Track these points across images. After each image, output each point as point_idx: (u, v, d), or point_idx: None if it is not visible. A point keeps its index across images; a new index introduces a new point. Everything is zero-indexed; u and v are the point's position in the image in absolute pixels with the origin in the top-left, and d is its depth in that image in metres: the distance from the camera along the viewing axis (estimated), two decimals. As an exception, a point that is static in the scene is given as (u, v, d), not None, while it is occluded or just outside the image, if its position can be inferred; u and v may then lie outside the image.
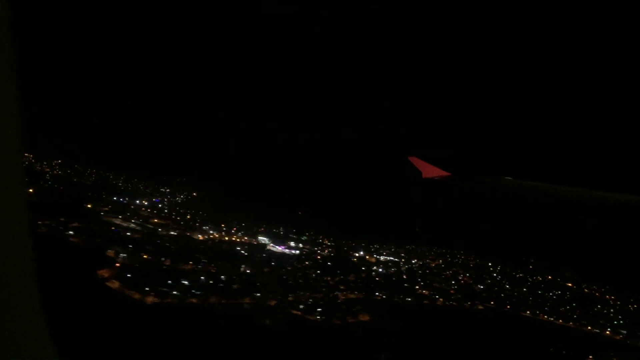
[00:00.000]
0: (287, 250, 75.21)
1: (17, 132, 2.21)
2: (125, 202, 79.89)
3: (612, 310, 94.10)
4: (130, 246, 47.89)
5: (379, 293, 73.40)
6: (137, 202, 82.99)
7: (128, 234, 55.00)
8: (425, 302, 77.76)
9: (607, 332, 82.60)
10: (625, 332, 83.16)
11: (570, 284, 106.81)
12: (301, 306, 53.44)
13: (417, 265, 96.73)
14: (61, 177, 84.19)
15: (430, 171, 10.70)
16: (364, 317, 59.12)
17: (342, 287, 69.86)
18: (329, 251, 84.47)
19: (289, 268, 67.16)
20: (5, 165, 2.20)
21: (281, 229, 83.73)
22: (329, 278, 72.00)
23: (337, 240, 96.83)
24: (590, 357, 63.71)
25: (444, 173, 10.63)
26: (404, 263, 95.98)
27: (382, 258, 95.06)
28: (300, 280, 65.05)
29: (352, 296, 69.45)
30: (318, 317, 52.37)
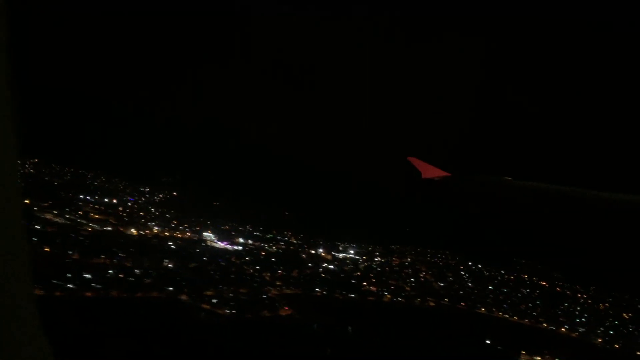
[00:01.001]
0: (229, 246, 75.36)
1: (13, 134, 2.24)
2: (84, 199, 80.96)
3: (578, 309, 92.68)
4: (35, 239, 48.17)
5: (319, 289, 73.00)
6: (105, 200, 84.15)
7: (48, 228, 55.54)
8: (370, 298, 77.03)
9: (563, 330, 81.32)
10: (583, 329, 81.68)
11: (544, 283, 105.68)
12: (214, 300, 53.43)
13: (377, 263, 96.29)
14: (31, 175, 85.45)
15: (429, 171, 10.73)
16: (284, 312, 58.86)
17: (278, 283, 69.68)
18: (278, 248, 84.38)
19: (223, 263, 67.21)
20: (2, 167, 2.22)
21: (228, 225, 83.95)
22: (267, 274, 71.91)
23: (304, 238, 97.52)
24: (523, 352, 62.26)
25: (444, 173, 10.61)
26: (365, 261, 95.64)
27: (341, 256, 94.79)
28: (232, 276, 65.03)
29: (288, 292, 69.25)
30: (227, 311, 52.27)
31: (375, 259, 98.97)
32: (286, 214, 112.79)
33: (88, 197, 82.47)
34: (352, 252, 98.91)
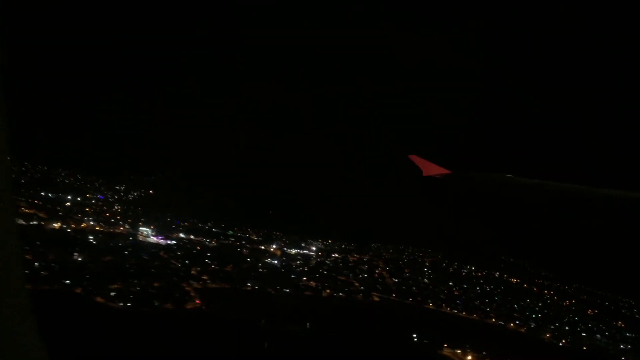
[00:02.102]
0: (162, 241, 74.42)
1: (3, 133, 2.25)
2: (41, 196, 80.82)
3: (540, 305, 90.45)
4: None
5: (251, 284, 71.52)
6: (69, 197, 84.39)
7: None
8: (307, 293, 75.30)
9: (512, 325, 78.86)
10: (534, 325, 79.24)
11: (515, 280, 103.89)
12: (112, 294, 52.31)
13: (333, 259, 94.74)
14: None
15: (430, 169, 10.72)
16: (192, 305, 57.51)
17: (204, 277, 68.37)
18: (219, 243, 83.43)
19: (146, 257, 66.23)
20: None
21: (168, 219, 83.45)
22: (197, 268, 70.77)
23: (266, 234, 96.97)
24: (445, 345, 59.97)
25: (445, 171, 10.61)
26: (320, 257, 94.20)
27: (292, 251, 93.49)
28: (153, 270, 63.98)
29: (213, 286, 67.94)
30: (121, 304, 51.10)
31: (333, 255, 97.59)
32: (270, 212, 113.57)
33: (49, 195, 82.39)
34: (314, 248, 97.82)
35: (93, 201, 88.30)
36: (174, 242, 74.83)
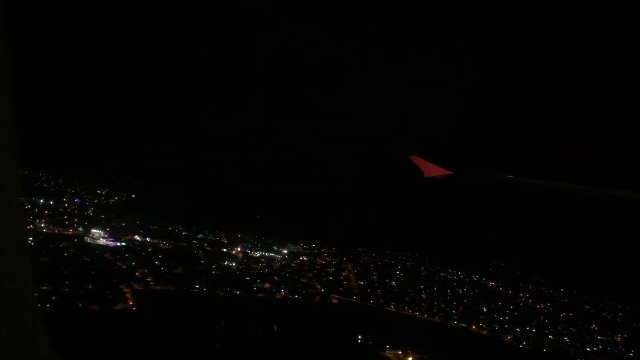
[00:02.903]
0: (112, 243, 73.23)
1: (14, 139, 2.23)
2: None
3: (511, 308, 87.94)
4: None
5: (199, 286, 69.99)
6: (41, 201, 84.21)
7: None
8: (260, 295, 73.57)
9: (473, 327, 76.34)
10: (497, 327, 76.82)
11: (493, 283, 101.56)
12: (35, 295, 50.77)
13: (298, 262, 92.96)
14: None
15: (432, 170, 10.78)
16: (121, 306, 56.08)
17: (148, 279, 66.95)
18: (175, 245, 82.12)
19: (87, 259, 65.06)
20: (4, 170, 2.21)
21: (124, 223, 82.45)
22: (144, 270, 69.47)
23: (237, 237, 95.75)
24: (387, 347, 57.92)
25: (446, 172, 10.65)
26: (285, 260, 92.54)
27: (257, 254, 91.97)
28: (92, 272, 62.74)
29: (156, 287, 66.48)
30: (39, 305, 49.49)
31: (302, 258, 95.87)
32: (258, 216, 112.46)
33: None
34: (285, 251, 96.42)
35: (66, 205, 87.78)
36: (124, 244, 73.44)
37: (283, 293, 75.38)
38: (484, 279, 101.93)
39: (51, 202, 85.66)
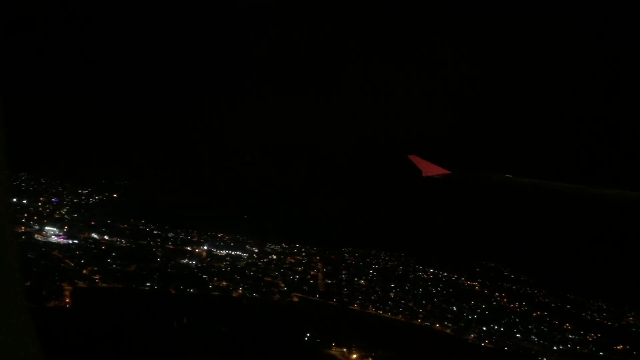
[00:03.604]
0: (63, 241, 71.56)
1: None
2: None
3: (483, 307, 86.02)
4: None
5: (150, 284, 68.04)
6: (14, 200, 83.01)
7: None
8: (215, 293, 71.61)
9: (437, 326, 74.01)
10: (462, 324, 74.70)
11: (471, 283, 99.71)
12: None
13: (266, 261, 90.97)
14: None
15: (430, 169, 10.77)
16: (55, 304, 54.18)
17: (95, 277, 65.09)
18: (132, 243, 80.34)
19: (31, 256, 63.35)
20: None
21: (93, 222, 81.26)
22: (93, 268, 67.63)
23: (205, 235, 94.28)
24: (333, 344, 55.85)
25: (444, 171, 10.65)
26: (252, 259, 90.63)
27: (223, 252, 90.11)
28: (34, 269, 60.93)
29: (103, 285, 64.60)
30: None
31: (271, 257, 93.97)
32: (245, 217, 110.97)
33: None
34: (256, 249, 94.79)
35: (39, 204, 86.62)
36: (76, 241, 71.70)
37: (240, 291, 73.15)
38: (462, 278, 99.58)
39: (24, 202, 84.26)
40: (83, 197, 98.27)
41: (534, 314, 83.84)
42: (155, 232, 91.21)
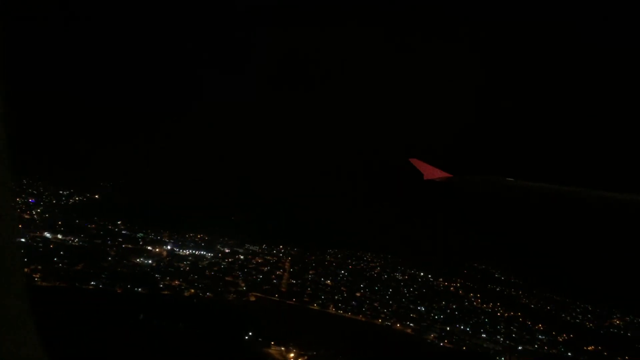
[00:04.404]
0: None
1: (2, 138, 2.20)
2: None
3: (453, 307, 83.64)
4: None
5: (96, 283, 65.70)
6: None
7: None
8: (165, 292, 69.07)
9: (397, 326, 71.14)
10: (425, 324, 71.88)
11: (447, 284, 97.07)
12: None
13: (230, 260, 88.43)
14: None
15: (431, 173, 10.69)
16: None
17: (35, 276, 62.81)
18: (82, 241, 78.04)
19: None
20: None
21: (38, 221, 79.18)
22: (37, 267, 65.39)
23: (175, 235, 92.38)
24: (272, 342, 53.32)
25: (446, 174, 10.62)
26: (216, 258, 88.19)
27: (186, 252, 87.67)
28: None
29: (43, 284, 62.22)
30: None
31: (237, 256, 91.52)
32: (232, 218, 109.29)
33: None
34: (227, 250, 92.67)
35: (13, 204, 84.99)
36: (22, 240, 69.37)
37: (192, 291, 70.45)
38: (440, 279, 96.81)
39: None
40: (63, 198, 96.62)
41: (506, 315, 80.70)
42: (123, 232, 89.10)
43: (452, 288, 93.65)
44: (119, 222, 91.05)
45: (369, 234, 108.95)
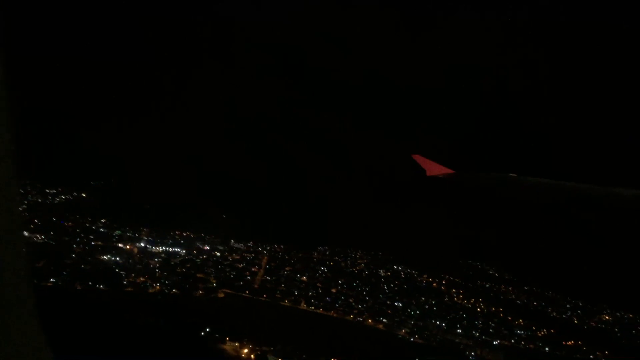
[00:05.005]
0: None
1: (8, 136, 2.20)
2: None
3: (432, 303, 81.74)
4: None
5: (55, 280, 63.77)
6: None
7: None
8: (129, 289, 67.09)
9: (369, 321, 69.17)
10: (397, 320, 70.11)
11: (427, 280, 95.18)
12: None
13: (204, 258, 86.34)
14: None
15: (434, 169, 10.67)
16: None
17: None
18: (47, 238, 76.05)
19: None
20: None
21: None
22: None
23: (154, 233, 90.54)
24: (227, 338, 51.31)
25: (448, 170, 10.56)
26: (191, 255, 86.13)
27: (159, 249, 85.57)
28: None
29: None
30: None
31: (213, 253, 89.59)
32: (223, 216, 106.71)
33: None
34: (206, 247, 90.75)
35: None
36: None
37: (157, 287, 68.32)
38: (424, 275, 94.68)
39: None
40: (49, 197, 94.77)
41: (487, 310, 78.43)
42: (101, 229, 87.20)
43: (434, 284, 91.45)
44: (103, 221, 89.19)
45: (367, 231, 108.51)
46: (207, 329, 54.95)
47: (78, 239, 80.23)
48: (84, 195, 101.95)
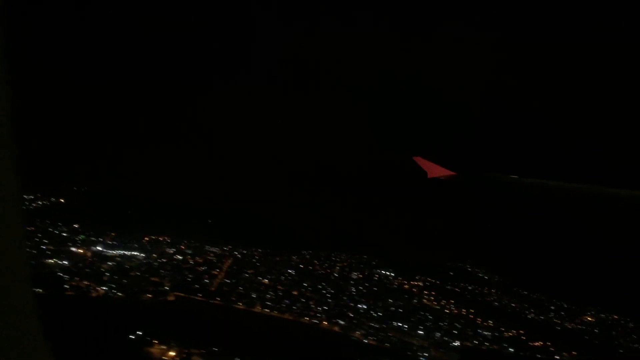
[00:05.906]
0: None
1: (9, 136, 2.19)
2: None
3: (400, 304, 79.45)
4: None
5: None
6: None
7: None
8: (69, 293, 63.91)
9: (324, 323, 65.89)
10: (355, 322, 67.24)
11: (401, 281, 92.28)
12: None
13: (162, 261, 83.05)
14: None
15: (435, 171, 10.65)
16: None
17: None
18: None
19: None
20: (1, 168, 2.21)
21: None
22: None
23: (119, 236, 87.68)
24: (156, 341, 47.87)
25: (450, 172, 10.49)
26: (149, 259, 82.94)
27: (115, 252, 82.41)
28: None
29: None
30: None
31: (176, 256, 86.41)
32: (209, 221, 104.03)
33: None
34: (171, 250, 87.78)
35: None
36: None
37: (101, 291, 64.97)
38: (399, 278, 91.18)
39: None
40: (27, 202, 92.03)
41: (456, 312, 75.10)
42: (64, 234, 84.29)
43: (406, 286, 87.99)
44: (75, 226, 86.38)
45: (363, 234, 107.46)
46: (139, 333, 51.44)
47: (28, 243, 77.00)
48: (62, 200, 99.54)
